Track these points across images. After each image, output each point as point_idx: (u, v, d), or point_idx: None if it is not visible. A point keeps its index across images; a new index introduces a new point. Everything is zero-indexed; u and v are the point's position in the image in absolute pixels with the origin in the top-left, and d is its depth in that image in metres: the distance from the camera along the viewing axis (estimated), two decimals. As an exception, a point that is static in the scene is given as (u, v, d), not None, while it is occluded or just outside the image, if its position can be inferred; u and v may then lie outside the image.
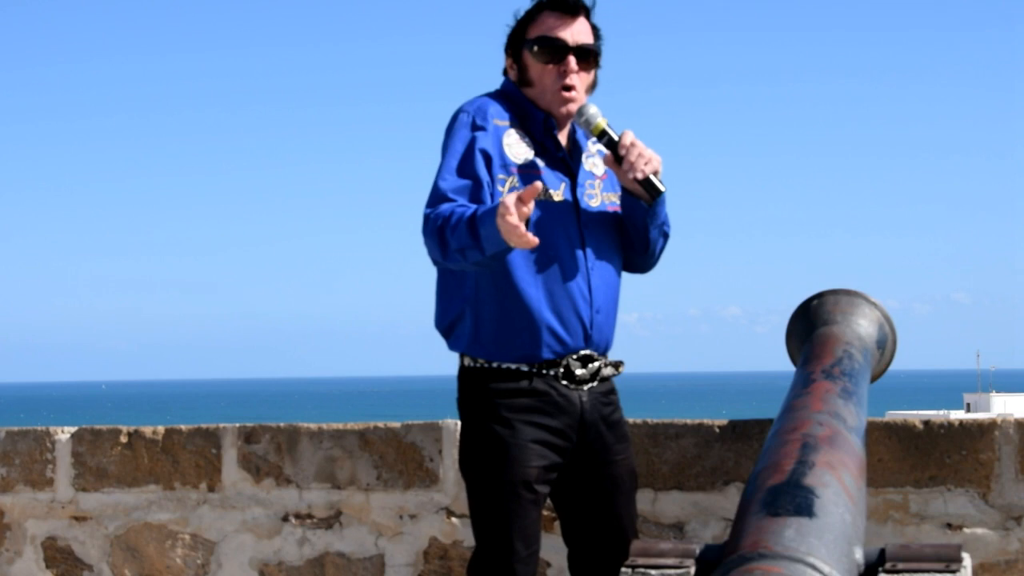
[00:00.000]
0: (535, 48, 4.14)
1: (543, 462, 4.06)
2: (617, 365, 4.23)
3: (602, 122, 4.15)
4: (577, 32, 4.16)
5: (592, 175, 4.25)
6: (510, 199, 3.81)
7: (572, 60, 4.14)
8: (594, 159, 4.28)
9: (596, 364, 4.15)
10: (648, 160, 4.12)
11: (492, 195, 4.07)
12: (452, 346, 4.19)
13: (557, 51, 4.14)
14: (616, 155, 4.13)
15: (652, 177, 4.13)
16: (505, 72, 4.27)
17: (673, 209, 4.27)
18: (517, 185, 4.07)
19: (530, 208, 3.84)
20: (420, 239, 4.15)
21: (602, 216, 4.22)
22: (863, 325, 4.54)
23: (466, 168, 4.07)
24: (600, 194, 4.24)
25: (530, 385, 4.07)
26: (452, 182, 4.06)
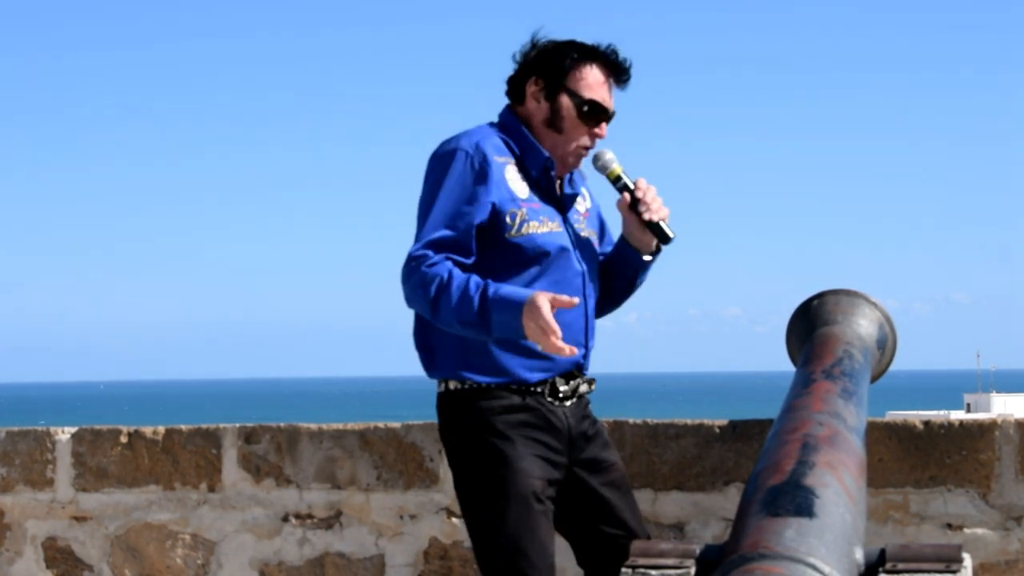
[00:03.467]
0: (585, 109, 4.11)
1: (546, 476, 4.06)
2: (591, 382, 4.24)
3: (618, 168, 4.23)
4: (612, 102, 4.17)
5: (577, 211, 4.26)
6: (546, 310, 3.80)
7: (605, 127, 4.16)
8: (579, 196, 4.28)
9: (576, 381, 4.15)
10: (660, 206, 4.18)
11: (501, 227, 4.03)
12: (435, 372, 4.14)
13: (601, 120, 4.14)
14: (633, 198, 4.19)
15: (662, 223, 4.21)
16: (517, 91, 4.18)
17: (674, 206, 4.30)
18: (526, 218, 4.05)
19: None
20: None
21: (590, 246, 4.25)
22: (863, 325, 4.55)
23: (463, 215, 4.01)
24: (585, 227, 4.26)
25: (523, 401, 4.06)
26: (446, 231, 4.00)
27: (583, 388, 4.19)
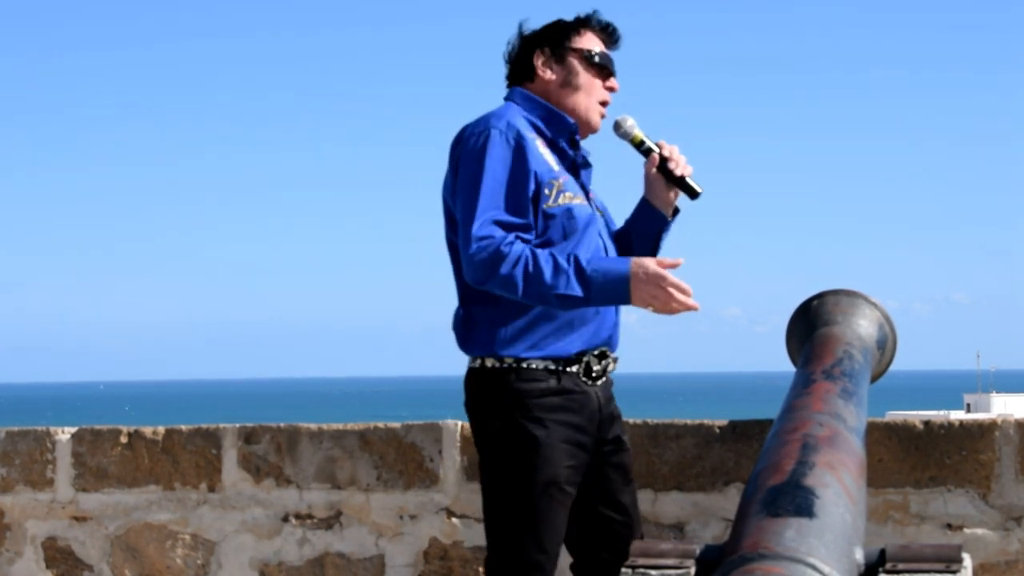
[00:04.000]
0: (595, 59, 4.23)
1: (573, 462, 4.09)
2: (616, 360, 4.27)
3: (639, 132, 4.33)
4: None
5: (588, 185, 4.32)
6: (669, 272, 3.96)
7: (614, 80, 4.29)
8: (591, 170, 4.35)
9: (607, 360, 4.19)
10: (686, 163, 4.29)
11: (540, 198, 4.08)
12: (471, 348, 4.16)
13: (609, 68, 4.27)
14: (662, 157, 4.29)
15: (689, 179, 4.31)
16: (525, 69, 4.26)
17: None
18: (563, 189, 4.13)
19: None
20: (419, 240, 4.23)
21: (603, 220, 4.32)
22: (863, 325, 4.55)
23: (515, 192, 4.05)
24: (594, 203, 4.31)
25: (559, 384, 4.09)
26: (506, 213, 4.03)
27: (612, 367, 4.24)
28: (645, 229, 4.36)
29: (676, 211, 4.37)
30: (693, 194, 4.32)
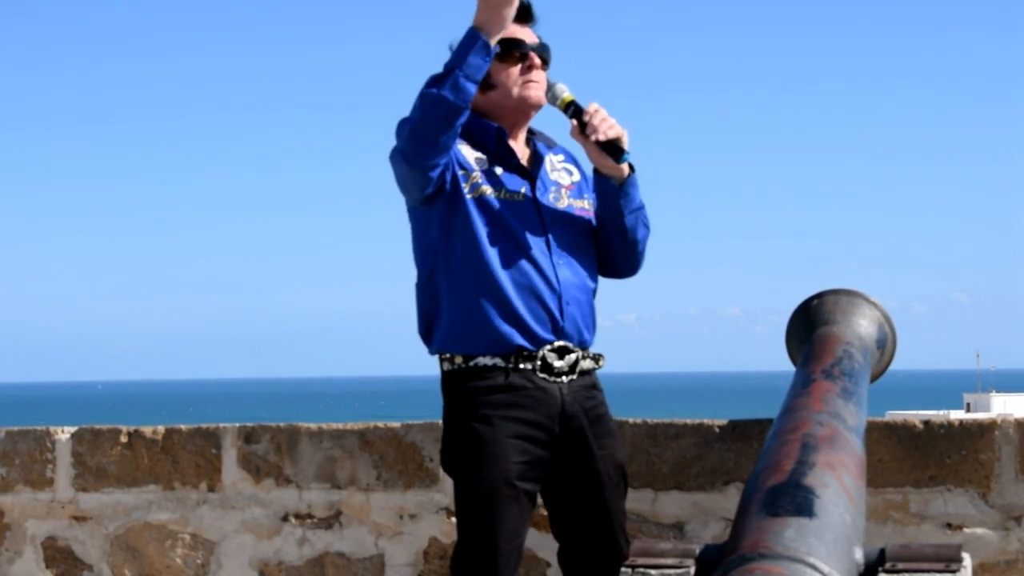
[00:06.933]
0: (497, 50, 4.15)
1: (524, 458, 4.10)
2: (597, 358, 4.26)
3: (569, 95, 4.23)
4: (530, 35, 4.26)
5: (557, 184, 4.30)
6: None
7: (534, 56, 4.23)
8: (559, 172, 4.34)
9: (573, 356, 4.17)
10: (612, 125, 4.18)
11: (460, 188, 4.13)
12: (430, 348, 4.25)
13: (520, 50, 4.22)
14: (582, 124, 4.19)
15: (617, 141, 4.17)
16: None
17: (674, 206, 4.31)
18: (480, 182, 4.16)
19: None
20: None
21: (568, 216, 4.27)
22: (863, 325, 4.55)
23: None
24: (566, 199, 4.29)
25: (506, 380, 4.11)
26: None
27: (585, 364, 4.22)
28: (605, 204, 4.29)
29: (632, 169, 4.24)
30: (619, 153, 4.16)
